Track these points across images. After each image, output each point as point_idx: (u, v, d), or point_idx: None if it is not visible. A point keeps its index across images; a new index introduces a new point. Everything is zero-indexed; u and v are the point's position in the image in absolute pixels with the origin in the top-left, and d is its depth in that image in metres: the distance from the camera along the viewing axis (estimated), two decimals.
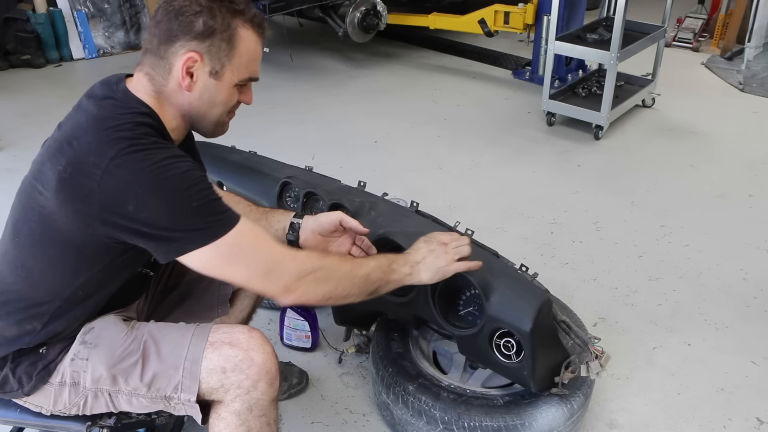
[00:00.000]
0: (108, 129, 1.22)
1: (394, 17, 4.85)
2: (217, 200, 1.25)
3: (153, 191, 1.18)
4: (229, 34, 1.29)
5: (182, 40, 1.27)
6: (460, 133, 3.84)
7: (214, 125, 1.38)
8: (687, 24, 5.39)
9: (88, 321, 1.37)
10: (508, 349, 1.64)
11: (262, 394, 1.32)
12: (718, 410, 1.98)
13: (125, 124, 1.24)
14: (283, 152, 2.70)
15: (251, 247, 1.27)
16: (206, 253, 1.22)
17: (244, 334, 1.34)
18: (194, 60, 1.27)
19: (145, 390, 1.32)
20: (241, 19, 1.30)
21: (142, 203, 1.18)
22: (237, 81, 1.33)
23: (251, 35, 1.32)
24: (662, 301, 2.44)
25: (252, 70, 1.35)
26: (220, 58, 1.29)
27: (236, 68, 1.31)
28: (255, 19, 1.33)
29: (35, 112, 3.94)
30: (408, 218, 1.89)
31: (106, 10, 5.21)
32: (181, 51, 1.27)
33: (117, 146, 1.20)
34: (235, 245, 1.24)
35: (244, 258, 1.26)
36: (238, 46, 1.30)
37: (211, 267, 1.26)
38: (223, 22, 1.28)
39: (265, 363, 1.31)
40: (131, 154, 1.19)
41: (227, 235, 1.23)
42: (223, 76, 1.31)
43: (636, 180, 3.31)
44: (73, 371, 1.34)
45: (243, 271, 1.27)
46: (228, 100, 1.35)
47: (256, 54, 1.35)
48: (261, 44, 1.35)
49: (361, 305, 1.93)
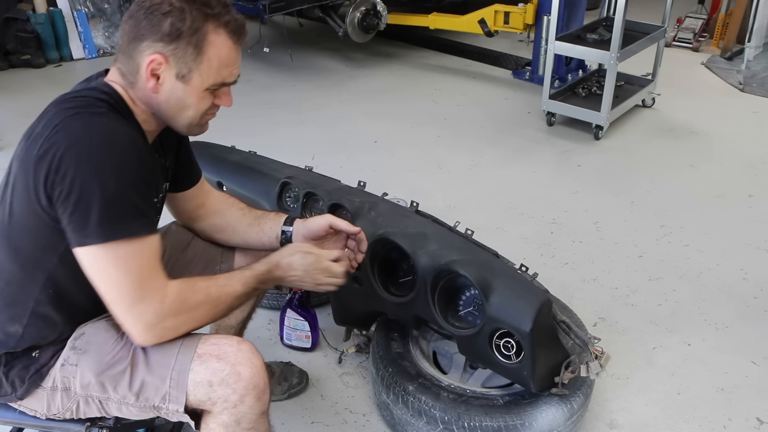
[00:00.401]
0: (63, 102, 1.25)
1: (394, 17, 4.85)
2: (137, 205, 1.21)
3: (80, 161, 1.17)
4: (197, 39, 1.24)
5: (148, 41, 1.24)
6: (460, 133, 3.84)
7: (187, 126, 1.36)
8: (687, 24, 5.39)
9: (79, 325, 1.36)
10: (508, 349, 1.64)
11: (250, 408, 1.29)
12: (718, 410, 1.98)
13: (80, 98, 1.25)
14: (283, 152, 2.70)
15: (134, 271, 1.21)
16: (96, 252, 1.19)
17: (232, 347, 1.30)
18: (159, 62, 1.24)
19: (134, 399, 1.30)
20: (213, 23, 1.26)
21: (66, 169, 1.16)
22: (207, 86, 1.29)
23: (224, 41, 1.28)
24: (662, 301, 2.44)
25: (224, 76, 1.31)
26: (187, 62, 1.25)
27: (205, 73, 1.27)
28: (230, 24, 1.28)
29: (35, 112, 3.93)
30: (408, 218, 1.89)
31: (106, 10, 5.21)
32: (146, 51, 1.24)
33: (63, 115, 1.21)
34: (121, 259, 1.20)
35: (121, 277, 1.21)
36: (207, 52, 1.26)
37: (91, 269, 1.21)
38: (191, 26, 1.23)
39: (253, 377, 1.28)
40: (75, 121, 1.20)
41: (122, 245, 1.19)
42: (191, 81, 1.28)
43: (636, 180, 3.31)
44: (63, 376, 1.33)
45: (113, 290, 1.22)
46: (198, 103, 1.31)
47: (230, 59, 1.30)
48: (235, 49, 1.30)
49: (361, 305, 1.95)
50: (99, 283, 1.23)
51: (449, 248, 1.74)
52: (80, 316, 1.36)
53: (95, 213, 1.16)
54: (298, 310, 2.13)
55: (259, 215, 1.67)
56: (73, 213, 1.18)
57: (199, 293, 1.32)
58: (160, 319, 1.26)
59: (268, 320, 2.32)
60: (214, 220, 1.67)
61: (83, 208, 1.17)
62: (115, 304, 1.24)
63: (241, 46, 1.32)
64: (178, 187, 1.60)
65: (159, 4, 1.23)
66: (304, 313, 2.13)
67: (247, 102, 4.20)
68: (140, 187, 1.23)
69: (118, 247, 1.19)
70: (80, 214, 1.17)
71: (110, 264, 1.20)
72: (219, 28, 1.27)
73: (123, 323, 1.26)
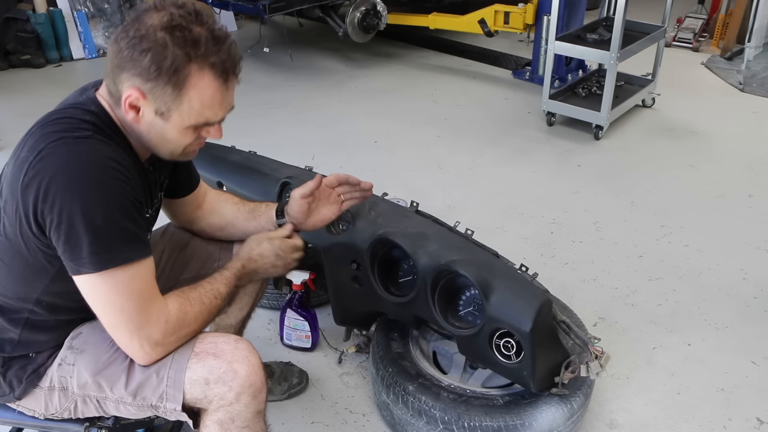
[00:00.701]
0: (47, 124, 1.22)
1: (394, 17, 4.85)
2: (128, 230, 1.19)
3: (66, 189, 1.14)
4: (177, 79, 1.17)
5: (128, 73, 1.18)
6: (460, 133, 3.84)
7: (169, 156, 1.32)
8: (687, 24, 5.39)
9: (75, 327, 1.36)
10: (508, 349, 1.64)
11: (245, 406, 1.29)
12: (718, 410, 1.98)
13: (64, 119, 1.22)
14: (283, 152, 2.70)
15: (136, 295, 1.21)
16: (92, 280, 1.18)
17: (229, 345, 1.31)
18: (136, 98, 1.20)
19: (131, 398, 1.30)
20: (197, 64, 1.18)
21: (54, 199, 1.14)
22: (188, 125, 1.24)
23: (208, 83, 1.20)
24: (662, 301, 2.44)
25: (208, 116, 1.24)
26: (165, 101, 1.20)
27: (186, 114, 1.22)
28: (217, 66, 1.20)
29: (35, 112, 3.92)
30: (408, 218, 1.89)
31: (106, 10, 5.21)
32: (126, 83, 1.19)
33: (48, 140, 1.19)
34: (121, 285, 1.19)
35: (124, 303, 1.20)
36: (188, 93, 1.19)
37: (91, 296, 1.20)
38: (171, 65, 1.16)
39: (249, 376, 1.28)
40: (59, 148, 1.17)
41: (119, 271, 1.17)
42: (171, 119, 1.23)
43: (636, 180, 3.31)
44: (60, 376, 1.33)
45: (116, 316, 1.21)
46: (179, 139, 1.27)
47: (214, 101, 1.23)
48: (222, 91, 1.23)
49: (361, 305, 1.95)
50: (100, 309, 1.22)
51: (449, 248, 1.74)
52: (76, 320, 1.36)
53: (86, 243, 1.15)
54: (298, 310, 2.13)
55: (252, 208, 1.68)
56: (65, 242, 1.16)
57: (195, 304, 1.32)
58: (166, 336, 1.26)
59: (268, 320, 2.32)
60: (212, 220, 1.67)
61: (74, 239, 1.15)
62: (118, 329, 1.23)
63: (231, 86, 1.25)
64: (178, 193, 1.60)
65: (142, 36, 1.16)
66: (304, 313, 2.13)
67: (247, 102, 4.20)
68: (130, 211, 1.20)
69: (115, 274, 1.18)
70: (72, 244, 1.16)
71: (110, 291, 1.20)
72: (203, 69, 1.19)
73: (128, 347, 1.25)
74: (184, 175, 1.58)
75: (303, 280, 2.08)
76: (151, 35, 1.16)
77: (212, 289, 1.37)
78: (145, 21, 1.18)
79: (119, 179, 1.19)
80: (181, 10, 1.19)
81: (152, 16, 1.18)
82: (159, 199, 1.49)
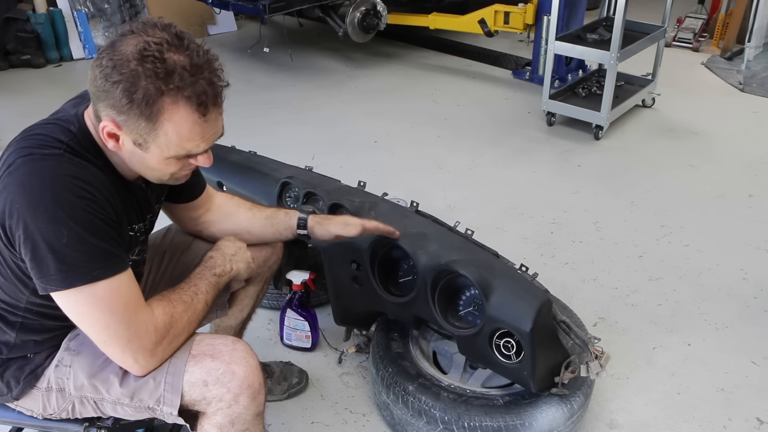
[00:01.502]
0: (25, 138, 1.21)
1: (394, 17, 4.85)
2: (97, 247, 1.15)
3: (29, 207, 1.12)
4: (150, 112, 1.12)
5: (103, 103, 1.15)
6: (460, 133, 3.84)
7: (158, 181, 1.30)
8: (687, 24, 5.39)
9: (72, 328, 1.35)
10: (508, 349, 1.64)
11: (245, 408, 1.29)
12: (718, 410, 1.98)
13: (39, 135, 1.20)
14: (283, 152, 2.70)
15: (119, 309, 1.19)
16: (68, 297, 1.16)
17: (227, 346, 1.30)
18: (112, 129, 1.16)
19: (128, 400, 1.30)
20: (170, 98, 1.12)
21: (18, 217, 1.13)
22: (169, 156, 1.20)
23: (184, 116, 1.14)
24: (662, 301, 2.44)
25: (188, 148, 1.19)
26: (141, 133, 1.16)
27: (164, 146, 1.17)
28: (193, 99, 1.13)
29: (35, 112, 3.92)
30: (408, 218, 1.89)
31: (106, 10, 5.21)
32: (102, 113, 1.16)
33: (18, 155, 1.17)
34: (103, 301, 1.17)
35: (107, 319, 1.18)
36: (163, 126, 1.14)
37: (71, 312, 1.19)
38: (143, 98, 1.11)
39: (247, 377, 1.27)
40: (26, 164, 1.15)
41: (94, 288, 1.15)
42: (149, 150, 1.18)
43: (636, 180, 3.31)
44: (57, 377, 1.33)
45: (102, 333, 1.20)
46: (162, 168, 1.23)
47: (192, 134, 1.17)
48: (200, 123, 1.16)
49: (361, 305, 1.95)
50: (86, 326, 1.21)
51: (449, 248, 1.75)
52: (70, 325, 1.33)
53: (52, 261, 1.13)
54: (298, 310, 2.13)
55: (269, 215, 1.67)
56: (32, 260, 1.15)
57: (177, 304, 1.31)
58: (157, 344, 1.25)
59: (268, 320, 2.32)
60: (224, 226, 1.64)
61: (39, 257, 1.14)
62: (108, 345, 1.22)
63: (211, 117, 1.18)
64: (182, 198, 1.58)
65: (115, 67, 1.11)
66: (304, 313, 2.13)
67: (247, 102, 4.21)
68: (99, 228, 1.17)
69: (91, 290, 1.16)
70: (38, 262, 1.14)
71: (92, 308, 1.18)
72: (178, 102, 1.13)
73: (122, 362, 1.25)
74: (189, 179, 1.57)
75: (303, 280, 2.08)
76: (123, 65, 1.11)
77: (190, 287, 1.37)
78: (119, 49, 1.13)
79: (84, 197, 1.15)
80: (161, 34, 1.14)
81: (128, 43, 1.13)
82: (153, 211, 1.47)
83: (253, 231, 1.65)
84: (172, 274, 1.65)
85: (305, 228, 1.66)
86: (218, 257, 1.47)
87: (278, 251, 1.76)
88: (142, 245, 1.42)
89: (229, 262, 1.47)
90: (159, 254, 1.65)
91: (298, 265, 2.09)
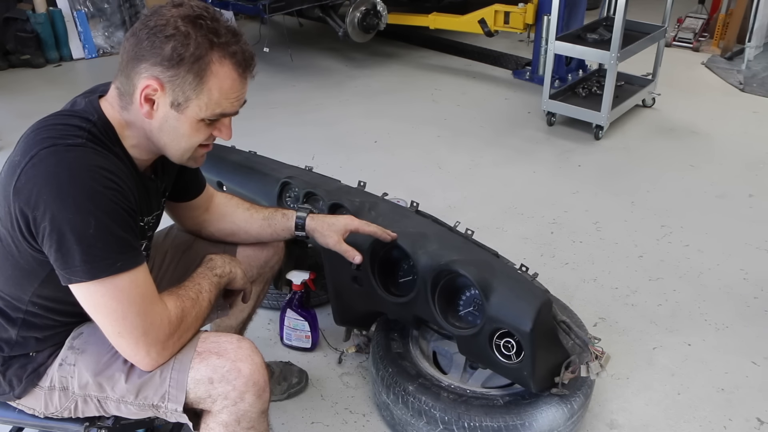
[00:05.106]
0: (42, 129, 1.21)
1: (394, 17, 4.85)
2: (121, 238, 1.17)
3: (57, 198, 1.13)
4: (199, 67, 1.18)
5: (147, 63, 1.18)
6: (460, 133, 3.84)
7: (179, 157, 1.31)
8: (687, 24, 5.39)
9: (75, 326, 1.36)
10: (508, 349, 1.64)
11: (250, 405, 1.29)
12: (718, 410, 1.98)
13: (59, 125, 1.21)
14: (283, 152, 2.69)
15: (137, 301, 1.20)
16: (89, 289, 1.17)
17: (232, 344, 1.31)
18: (154, 88, 1.19)
19: (133, 398, 1.30)
20: (218, 53, 1.20)
21: (45, 208, 1.13)
22: (204, 117, 1.24)
23: (229, 72, 1.22)
24: (662, 301, 2.44)
25: (224, 108, 1.25)
26: (185, 90, 1.20)
27: (204, 104, 1.22)
28: (237, 55, 1.22)
29: (35, 112, 3.91)
30: (408, 218, 1.88)
31: (105, 9, 5.21)
32: (144, 74, 1.19)
33: (40, 146, 1.17)
34: (122, 291, 1.18)
35: (125, 309, 1.19)
36: (208, 82, 1.20)
37: (88, 304, 1.19)
38: (194, 53, 1.17)
39: (253, 374, 1.28)
40: (50, 156, 1.16)
41: (117, 279, 1.16)
42: (186, 110, 1.22)
43: (636, 180, 3.31)
44: (61, 376, 1.33)
45: (118, 323, 1.20)
46: (192, 134, 1.26)
47: (232, 92, 1.24)
48: (240, 81, 1.25)
49: (361, 305, 1.95)
50: (101, 318, 1.21)
51: (449, 248, 1.74)
52: (74, 322, 1.36)
53: (78, 252, 1.14)
54: (298, 310, 2.13)
55: (266, 215, 1.67)
56: (57, 251, 1.15)
57: (186, 299, 1.32)
58: (169, 336, 1.26)
59: (268, 320, 2.32)
60: (222, 225, 1.66)
61: (66, 247, 1.14)
62: (122, 336, 1.22)
63: (247, 79, 1.27)
64: (184, 197, 1.59)
65: (164, 25, 1.17)
66: (304, 313, 2.13)
67: (247, 102, 4.19)
68: (123, 219, 1.19)
69: (112, 281, 1.17)
70: (64, 253, 1.15)
71: (110, 299, 1.18)
72: (224, 58, 1.21)
73: (133, 354, 1.24)
74: (190, 177, 1.57)
75: (303, 280, 2.08)
76: (172, 24, 1.17)
77: (194, 285, 1.38)
78: (164, 13, 1.19)
79: (110, 188, 1.18)
80: (199, 5, 1.22)
81: (171, 10, 1.20)
82: (160, 207, 1.48)
83: (251, 231, 1.66)
84: (173, 273, 1.66)
85: (303, 229, 1.66)
86: (218, 259, 1.48)
87: (280, 251, 1.77)
88: (148, 240, 1.43)
89: (228, 264, 1.48)
90: (161, 253, 1.66)
91: (298, 265, 2.09)
